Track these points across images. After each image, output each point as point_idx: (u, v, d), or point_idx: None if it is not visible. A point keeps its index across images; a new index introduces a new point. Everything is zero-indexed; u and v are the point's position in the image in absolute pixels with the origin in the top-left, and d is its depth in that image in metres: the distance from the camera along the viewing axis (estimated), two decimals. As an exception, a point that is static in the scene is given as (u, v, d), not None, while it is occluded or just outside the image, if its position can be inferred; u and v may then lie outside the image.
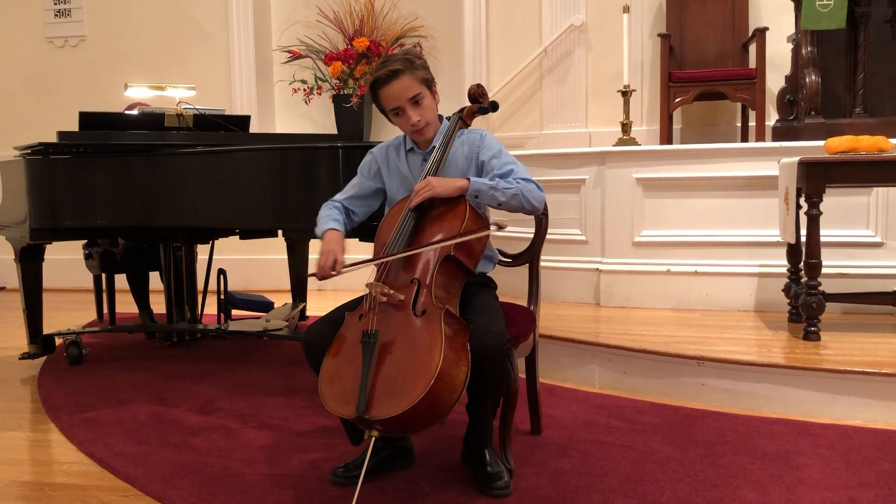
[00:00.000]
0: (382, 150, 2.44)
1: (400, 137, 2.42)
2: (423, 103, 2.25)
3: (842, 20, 3.81)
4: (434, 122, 2.31)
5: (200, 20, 5.92)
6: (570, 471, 2.25)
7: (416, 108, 2.24)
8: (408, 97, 2.22)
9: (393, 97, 2.23)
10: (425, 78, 2.26)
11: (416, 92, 2.23)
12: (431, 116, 2.29)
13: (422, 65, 2.26)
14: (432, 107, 2.29)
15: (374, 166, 2.43)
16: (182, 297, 3.87)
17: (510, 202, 2.21)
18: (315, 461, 2.37)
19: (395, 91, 2.22)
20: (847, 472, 2.20)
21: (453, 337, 1.94)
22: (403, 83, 2.21)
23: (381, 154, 2.43)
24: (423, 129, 2.28)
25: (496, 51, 5.49)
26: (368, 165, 2.44)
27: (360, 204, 2.43)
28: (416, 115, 2.24)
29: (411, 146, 2.37)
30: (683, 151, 3.81)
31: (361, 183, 2.44)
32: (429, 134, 2.31)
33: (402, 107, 2.23)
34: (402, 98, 2.22)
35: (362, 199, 2.44)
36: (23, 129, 5.44)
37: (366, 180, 2.43)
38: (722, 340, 3.10)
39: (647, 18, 5.14)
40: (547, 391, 3.00)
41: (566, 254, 4.00)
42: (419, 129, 2.27)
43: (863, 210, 3.50)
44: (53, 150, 3.36)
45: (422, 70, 2.25)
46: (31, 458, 2.54)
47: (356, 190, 2.44)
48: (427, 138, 2.32)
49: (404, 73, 2.21)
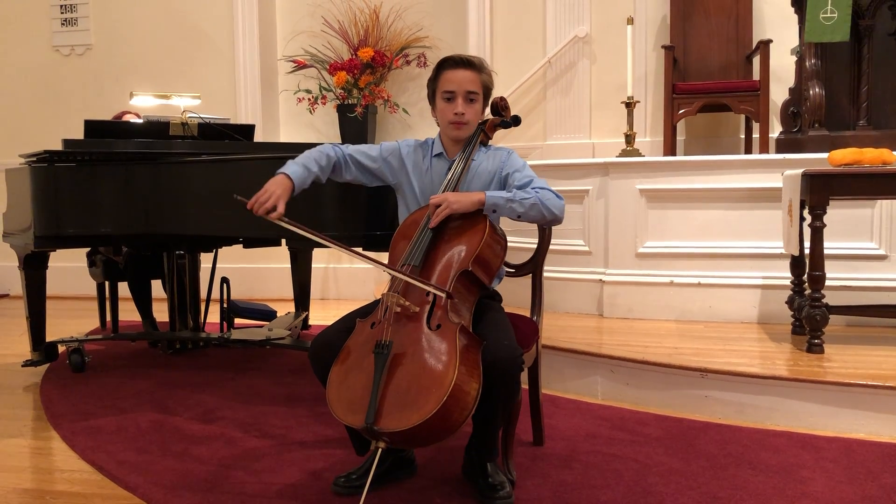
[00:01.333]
0: (411, 146, 2.45)
1: (430, 140, 2.44)
2: (474, 104, 2.33)
3: (846, 33, 3.82)
4: (474, 126, 2.37)
5: (206, 29, 5.96)
6: (572, 482, 2.24)
7: (467, 104, 2.31)
8: (466, 89, 2.31)
9: (454, 81, 2.31)
10: (487, 86, 2.36)
11: (475, 90, 2.32)
12: (474, 119, 2.35)
13: (490, 76, 2.38)
14: (479, 114, 2.37)
15: (398, 157, 2.42)
16: (185, 305, 3.88)
17: (529, 212, 2.23)
18: (317, 471, 2.36)
19: (458, 77, 2.31)
20: (850, 485, 2.19)
21: (467, 352, 1.93)
22: (469, 75, 2.31)
23: (409, 150, 2.44)
24: (462, 125, 2.32)
25: (500, 61, 5.51)
26: (391, 151, 2.44)
27: (359, 169, 2.42)
28: (463, 107, 2.30)
29: (439, 151, 2.39)
30: (687, 163, 3.82)
31: (376, 159, 2.42)
32: (464, 133, 2.35)
33: (456, 94, 2.30)
34: (461, 86, 2.30)
35: (364, 170, 2.43)
36: (29, 137, 5.46)
37: (381, 161, 2.42)
38: (725, 352, 3.09)
39: (650, 30, 5.16)
40: (549, 402, 3.00)
41: (569, 264, 4.00)
42: (459, 123, 2.32)
43: (866, 222, 3.50)
44: (58, 157, 3.36)
45: (487, 78, 2.36)
46: (32, 466, 2.54)
47: (366, 160, 2.42)
48: (460, 137, 2.35)
49: (475, 68, 2.32)
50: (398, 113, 5.75)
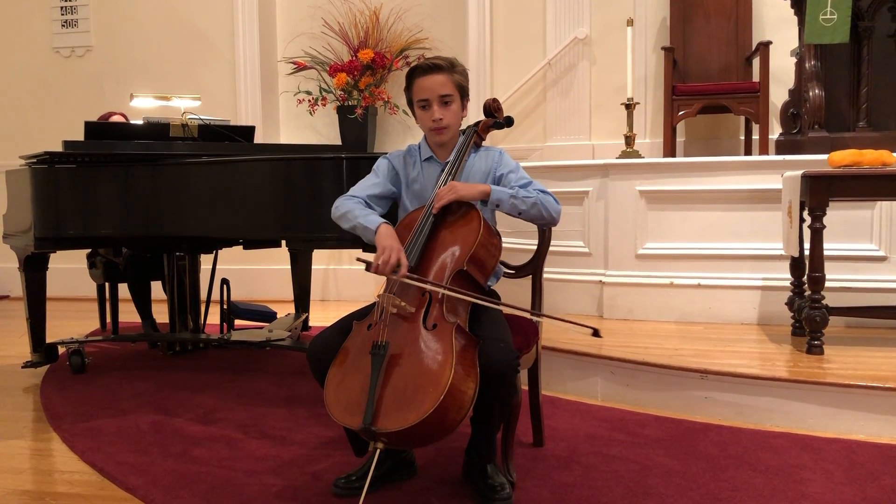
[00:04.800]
0: (399, 156, 2.45)
1: (415, 146, 2.44)
2: (450, 106, 2.31)
3: (845, 34, 3.82)
4: (455, 127, 2.36)
5: (206, 31, 5.96)
6: (572, 483, 2.24)
7: (443, 108, 2.30)
8: (439, 94, 2.29)
9: (426, 89, 2.30)
10: (461, 85, 2.33)
11: (448, 92, 2.30)
12: (454, 121, 2.33)
13: (462, 72, 2.35)
14: (458, 113, 2.35)
15: (392, 171, 2.43)
16: (185, 306, 3.88)
17: (530, 211, 2.26)
18: (317, 472, 2.36)
19: (429, 84, 2.29)
20: (850, 486, 2.19)
21: (463, 352, 1.93)
22: (439, 79, 2.29)
23: (397, 160, 2.44)
24: (443, 130, 2.31)
25: (500, 63, 5.51)
26: (386, 168, 2.44)
27: (379, 203, 2.40)
28: (439, 113, 2.29)
29: (429, 155, 2.39)
30: (687, 164, 3.82)
31: (382, 183, 2.41)
32: (445, 137, 2.34)
33: (430, 100, 2.29)
34: (433, 92, 2.29)
35: (382, 199, 2.41)
36: (29, 139, 5.45)
37: (385, 181, 2.42)
38: (725, 353, 3.09)
39: (650, 32, 5.16)
40: (549, 403, 3.00)
41: (569, 266, 4.00)
42: (438, 129, 2.31)
43: (866, 224, 3.50)
44: (58, 159, 3.37)
45: (460, 76, 2.33)
46: (32, 467, 2.54)
47: (378, 189, 2.39)
48: (444, 141, 2.35)
49: (444, 70, 2.30)
50: (398, 114, 5.75)
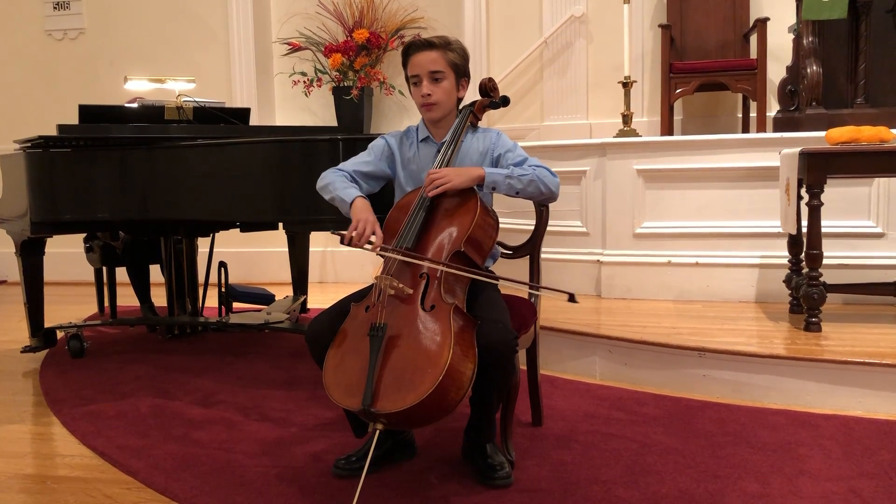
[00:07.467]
0: (396, 137, 2.45)
1: (413, 128, 2.44)
2: (441, 83, 2.31)
3: (843, 10, 3.79)
4: (446, 105, 2.34)
5: (200, 12, 5.90)
6: (571, 462, 2.25)
7: (432, 84, 2.30)
8: (429, 70, 2.29)
9: (417, 65, 2.31)
10: (455, 63, 2.33)
11: (439, 69, 2.30)
12: (443, 98, 2.32)
13: (458, 50, 2.34)
14: (450, 91, 2.33)
15: (388, 151, 2.43)
16: (183, 289, 3.87)
17: (527, 188, 2.25)
18: (317, 453, 2.37)
19: (420, 60, 2.31)
20: (848, 462, 2.21)
21: (461, 333, 1.94)
22: (431, 56, 2.30)
23: (394, 141, 2.44)
24: (431, 106, 2.31)
25: (496, 42, 5.47)
26: (382, 148, 2.44)
27: (367, 181, 2.41)
28: (428, 88, 2.29)
29: (426, 135, 2.39)
30: (684, 142, 3.80)
31: (374, 162, 2.42)
32: (435, 114, 2.33)
33: (420, 76, 2.30)
34: (424, 68, 2.30)
35: (371, 178, 2.42)
36: (23, 123, 5.40)
37: (378, 161, 2.42)
38: (723, 331, 3.10)
39: (647, 9, 5.12)
40: (548, 382, 3.01)
41: (567, 245, 4.00)
42: (428, 104, 2.31)
43: (864, 201, 3.50)
44: (53, 143, 3.35)
45: (455, 55, 2.33)
46: (33, 451, 2.55)
47: (368, 168, 2.41)
48: (434, 118, 2.34)
49: (437, 48, 2.31)
50: (394, 95, 5.71)
